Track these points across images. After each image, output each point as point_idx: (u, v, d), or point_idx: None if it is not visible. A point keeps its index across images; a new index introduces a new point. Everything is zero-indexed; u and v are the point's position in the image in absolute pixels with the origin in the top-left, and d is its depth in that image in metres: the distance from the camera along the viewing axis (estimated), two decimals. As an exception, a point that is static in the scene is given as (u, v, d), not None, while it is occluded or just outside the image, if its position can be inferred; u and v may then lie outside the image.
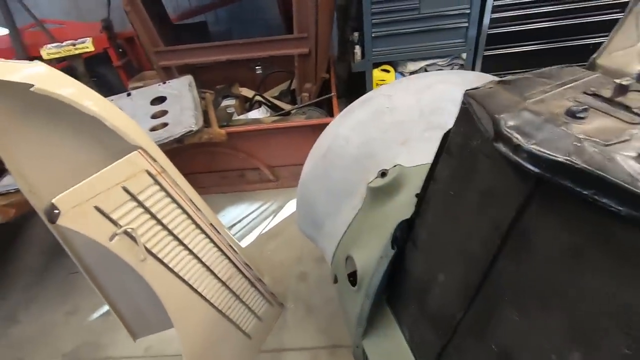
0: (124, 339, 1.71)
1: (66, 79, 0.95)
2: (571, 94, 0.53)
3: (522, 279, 0.58)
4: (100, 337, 1.75)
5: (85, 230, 0.89)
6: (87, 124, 0.96)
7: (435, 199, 0.79)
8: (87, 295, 1.96)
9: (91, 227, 0.90)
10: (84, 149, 1.03)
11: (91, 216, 0.90)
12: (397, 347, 0.94)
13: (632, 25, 1.08)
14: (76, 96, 0.90)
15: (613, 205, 0.41)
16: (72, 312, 1.90)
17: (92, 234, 0.91)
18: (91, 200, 0.89)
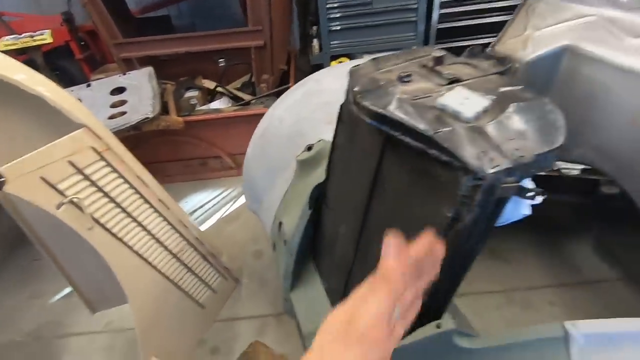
0: (86, 317, 1.80)
1: (13, 62, 1.03)
2: (409, 66, 0.68)
3: (382, 217, 0.73)
4: (62, 316, 1.83)
5: (31, 198, 0.99)
6: (34, 105, 1.06)
7: (337, 163, 0.93)
8: (50, 280, 2.02)
9: (37, 195, 1.00)
10: (33, 130, 1.13)
11: (37, 186, 1.00)
12: (317, 296, 1.08)
13: (523, 18, 1.26)
14: (23, 78, 0.99)
15: (418, 145, 0.56)
16: (35, 295, 1.96)
17: (38, 202, 1.00)
18: (37, 171, 0.99)
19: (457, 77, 0.62)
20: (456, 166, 0.51)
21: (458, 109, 0.54)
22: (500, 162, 0.49)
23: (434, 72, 0.65)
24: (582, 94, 1.10)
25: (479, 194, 0.50)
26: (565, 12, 1.17)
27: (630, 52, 0.99)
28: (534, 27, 1.20)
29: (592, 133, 1.10)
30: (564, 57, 1.12)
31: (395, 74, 0.66)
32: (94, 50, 3.19)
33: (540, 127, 0.53)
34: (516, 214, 0.63)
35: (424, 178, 0.59)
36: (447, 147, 0.51)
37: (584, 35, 1.09)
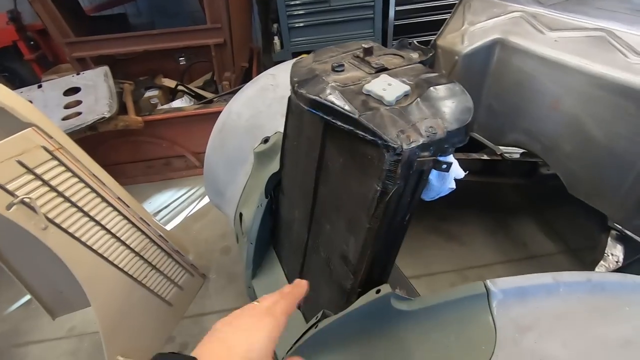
0: (46, 323, 1.75)
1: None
2: (344, 57, 0.74)
3: (328, 197, 0.79)
4: (20, 325, 1.77)
5: (-22, 199, 0.97)
6: (-23, 104, 1.03)
7: (288, 151, 0.98)
8: (4, 289, 1.94)
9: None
10: (-24, 130, 1.09)
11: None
12: (277, 281, 1.13)
13: (460, 14, 1.36)
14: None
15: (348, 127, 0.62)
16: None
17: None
18: (-17, 172, 0.97)
19: (384, 66, 0.69)
20: (380, 144, 0.57)
21: (381, 94, 0.61)
22: (416, 138, 0.56)
23: (364, 62, 0.71)
24: (512, 82, 1.21)
25: (400, 167, 0.57)
26: (496, 8, 1.28)
27: (549, 44, 1.11)
28: (469, 22, 1.30)
29: (521, 118, 1.22)
30: (496, 49, 1.23)
31: (330, 64, 0.71)
32: (45, 50, 3.05)
33: (452, 108, 0.60)
34: (444, 188, 0.70)
35: (357, 158, 0.65)
36: (371, 127, 0.57)
37: (512, 29, 1.20)
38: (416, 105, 0.60)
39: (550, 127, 1.13)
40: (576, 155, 1.10)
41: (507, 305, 0.67)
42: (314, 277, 0.94)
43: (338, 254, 0.77)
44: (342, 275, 0.77)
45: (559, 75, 1.07)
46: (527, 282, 0.69)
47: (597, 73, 0.98)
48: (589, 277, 0.69)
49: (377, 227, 0.66)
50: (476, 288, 0.68)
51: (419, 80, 0.64)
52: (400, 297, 0.69)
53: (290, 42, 2.88)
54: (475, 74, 1.27)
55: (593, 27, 1.04)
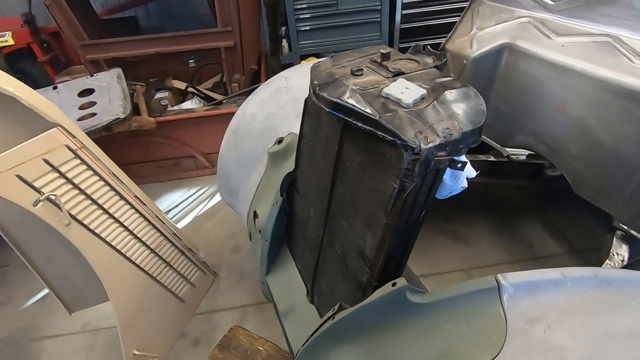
0: (61, 318, 1.80)
1: (-18, 64, 1.05)
2: (362, 62, 0.78)
3: (345, 194, 0.82)
4: (36, 320, 1.81)
5: (8, 195, 1.01)
6: (7, 105, 1.08)
7: (304, 151, 1.02)
8: (21, 285, 1.99)
9: (14, 193, 1.02)
10: (5, 129, 1.14)
11: (13, 183, 1.02)
12: (291, 277, 1.17)
13: (469, 19, 1.40)
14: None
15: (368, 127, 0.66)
16: (5, 302, 1.92)
17: (15, 200, 1.03)
18: (12, 170, 1.01)
19: (400, 71, 0.72)
20: (398, 144, 0.61)
21: (399, 97, 0.64)
22: (433, 139, 0.60)
23: (382, 67, 0.75)
24: (519, 85, 1.24)
25: (418, 166, 0.61)
26: (504, 14, 1.31)
27: (557, 49, 1.14)
28: (478, 27, 1.34)
29: (528, 120, 1.25)
30: (504, 53, 1.26)
31: (349, 68, 0.75)
32: (58, 52, 3.11)
33: (466, 110, 0.64)
34: (456, 186, 0.73)
35: (375, 157, 0.69)
36: (391, 128, 0.61)
37: (520, 34, 1.24)
38: (432, 107, 0.63)
39: (556, 129, 1.17)
40: (582, 157, 1.13)
41: (517, 299, 0.70)
42: (329, 272, 0.97)
43: (355, 249, 0.81)
44: (358, 270, 0.81)
45: (566, 79, 1.10)
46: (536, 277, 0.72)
47: (603, 77, 1.02)
48: (596, 273, 0.72)
49: (394, 223, 0.69)
50: (488, 282, 0.71)
51: (435, 84, 0.68)
52: (415, 290, 0.73)
53: (298, 45, 2.93)
54: (483, 77, 1.31)
55: (599, 32, 1.07)
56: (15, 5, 3.16)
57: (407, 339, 0.74)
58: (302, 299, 1.11)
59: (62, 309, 1.57)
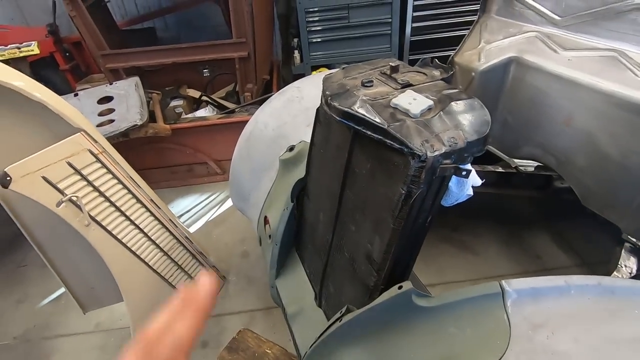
0: (75, 318, 1.85)
1: (15, 72, 1.12)
2: (372, 74, 0.82)
3: (354, 200, 0.86)
4: (50, 319, 1.86)
5: (34, 195, 1.07)
6: (34, 110, 1.14)
7: (315, 158, 1.05)
8: (37, 284, 2.05)
9: (39, 193, 1.08)
10: (32, 133, 1.20)
11: (39, 184, 1.08)
12: (300, 281, 1.19)
13: (477, 33, 1.43)
14: (25, 86, 1.08)
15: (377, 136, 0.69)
16: (22, 300, 1.98)
17: (40, 200, 1.08)
18: (39, 171, 1.07)
19: (409, 82, 0.76)
20: (406, 152, 0.64)
21: (407, 107, 0.68)
22: (439, 147, 0.63)
23: (391, 79, 0.78)
24: (527, 98, 1.27)
25: (424, 173, 0.64)
26: (511, 28, 1.35)
27: (563, 63, 1.17)
28: (486, 41, 1.37)
29: (536, 132, 1.27)
30: (511, 66, 1.29)
31: (359, 80, 0.79)
32: (79, 61, 3.24)
33: (471, 121, 0.67)
34: (462, 194, 0.76)
35: (383, 164, 0.72)
36: (399, 137, 0.64)
37: (527, 48, 1.27)
38: (439, 118, 0.67)
39: (563, 142, 1.18)
40: (590, 170, 1.15)
41: (520, 304, 0.72)
42: (337, 276, 1.00)
43: (362, 254, 0.84)
44: (365, 274, 0.84)
45: (572, 92, 1.12)
46: (540, 284, 0.74)
47: (610, 91, 1.04)
48: (600, 281, 0.74)
49: (401, 228, 0.72)
50: (492, 287, 0.73)
51: (441, 95, 0.71)
52: (421, 294, 0.75)
53: (309, 56, 3.00)
54: (491, 89, 1.34)
55: (605, 47, 1.10)
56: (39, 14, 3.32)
57: (413, 342, 0.76)
58: (310, 302, 1.13)
59: (76, 308, 1.62)
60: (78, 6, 2.30)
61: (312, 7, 2.77)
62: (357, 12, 2.83)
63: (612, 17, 1.09)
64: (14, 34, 2.93)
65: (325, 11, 2.81)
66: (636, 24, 1.03)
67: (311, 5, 2.76)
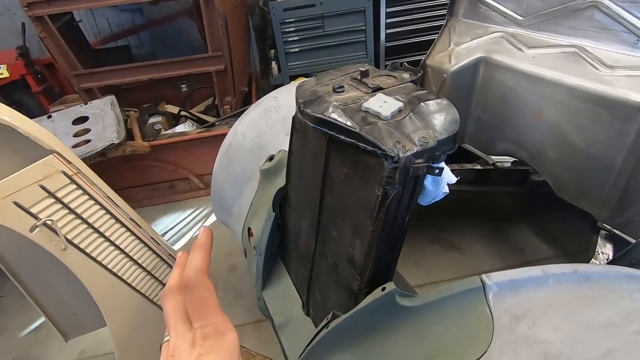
0: (57, 347, 1.78)
1: (-20, 96, 1.09)
2: (343, 79, 0.83)
3: (333, 206, 0.86)
4: (32, 350, 1.79)
5: (6, 222, 1.03)
6: (3, 135, 1.11)
7: (294, 166, 1.06)
8: (15, 316, 1.97)
9: (11, 220, 1.05)
10: (1, 157, 1.17)
11: (11, 210, 1.04)
12: (286, 291, 1.18)
13: (446, 36, 1.48)
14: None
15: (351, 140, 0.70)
16: (0, 332, 1.90)
17: (12, 226, 1.05)
18: (10, 197, 1.04)
19: (379, 86, 0.77)
20: (379, 154, 0.65)
21: (378, 110, 0.69)
22: (411, 147, 0.64)
23: (361, 83, 0.80)
24: (497, 96, 1.31)
25: (398, 173, 0.65)
26: (478, 30, 1.39)
27: (528, 60, 1.21)
28: (455, 43, 1.41)
29: (508, 128, 1.31)
30: (480, 66, 1.34)
31: (331, 86, 0.80)
32: (52, 82, 3.17)
33: (441, 120, 0.68)
34: (438, 192, 0.77)
35: (359, 167, 0.73)
36: (371, 139, 0.65)
37: (494, 48, 1.31)
38: (409, 119, 0.68)
39: (534, 135, 1.22)
40: (560, 161, 1.19)
41: (501, 297, 0.73)
42: (322, 283, 1.00)
43: (345, 258, 0.84)
44: (349, 278, 0.84)
45: (539, 88, 1.16)
46: (519, 275, 0.75)
47: (573, 85, 1.08)
48: (576, 269, 0.76)
49: (380, 229, 0.73)
50: (473, 282, 0.74)
51: (411, 97, 0.73)
52: (404, 294, 0.76)
53: (287, 66, 3.02)
54: (463, 89, 1.38)
55: (566, 44, 1.15)
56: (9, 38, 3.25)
57: (399, 342, 0.76)
58: (298, 311, 1.12)
59: (57, 337, 1.55)
60: (48, 27, 2.26)
61: (287, 18, 2.81)
62: (331, 20, 2.87)
63: (570, 15, 1.14)
64: (-19, 58, 2.86)
65: (300, 21, 2.84)
66: (592, 20, 1.08)
67: (285, 16, 2.79)
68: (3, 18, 3.18)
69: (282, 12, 2.78)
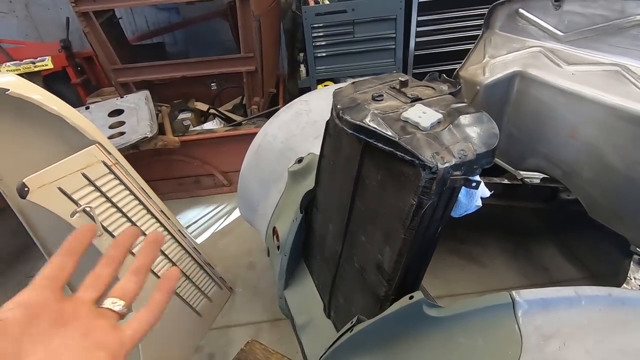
0: (82, 329, 1.84)
1: (34, 86, 1.16)
2: (381, 88, 0.85)
3: (364, 211, 0.87)
4: (58, 330, 1.86)
5: (50, 206, 1.09)
6: (51, 123, 1.18)
7: (324, 170, 1.07)
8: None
9: (55, 204, 1.11)
10: (48, 145, 1.24)
11: (55, 195, 1.10)
12: (308, 292, 1.20)
13: (481, 48, 1.47)
14: (44, 99, 1.12)
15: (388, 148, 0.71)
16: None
17: (55, 210, 1.11)
18: (55, 182, 1.10)
19: (418, 97, 0.78)
20: (417, 164, 0.66)
21: (417, 120, 0.70)
22: (449, 159, 0.65)
23: (400, 93, 0.81)
24: (531, 111, 1.29)
25: (435, 184, 0.65)
26: (515, 43, 1.38)
27: (567, 77, 1.19)
28: (490, 55, 1.41)
29: (541, 144, 1.29)
30: (515, 80, 1.32)
31: (370, 94, 0.82)
32: (90, 75, 3.32)
33: (480, 133, 0.69)
34: (471, 205, 0.78)
35: (394, 175, 0.74)
36: (410, 149, 0.66)
37: (531, 62, 1.30)
38: (448, 131, 0.69)
39: (569, 154, 1.20)
40: (595, 181, 1.16)
41: (531, 315, 0.72)
42: (347, 287, 1.01)
43: (373, 264, 0.85)
44: (376, 284, 0.85)
45: (577, 105, 1.14)
46: (550, 295, 0.74)
47: (613, 104, 1.06)
48: (610, 292, 0.74)
49: (411, 238, 0.73)
50: (502, 298, 0.74)
51: (450, 109, 0.73)
52: (432, 304, 0.76)
53: (315, 70, 3.05)
54: (495, 103, 1.36)
55: (608, 62, 1.12)
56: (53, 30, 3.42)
57: (424, 352, 0.76)
58: (319, 313, 1.14)
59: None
60: (92, 23, 2.37)
61: (318, 23, 2.84)
62: (362, 27, 2.89)
63: (614, 33, 1.12)
64: (28, 49, 3.02)
65: (330, 26, 2.87)
66: (638, 39, 1.05)
67: (317, 21, 2.83)
68: (50, 12, 3.35)
69: (314, 17, 2.82)
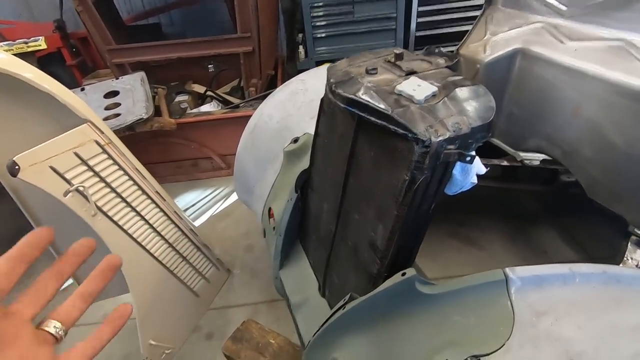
0: (82, 309, 1.86)
1: (23, 63, 1.13)
2: (376, 61, 0.82)
3: (358, 189, 0.86)
4: (59, 310, 1.89)
5: (42, 184, 1.08)
6: (42, 102, 1.16)
7: (319, 149, 1.06)
8: (45, 277, 2.08)
9: (47, 183, 1.10)
10: (39, 123, 1.22)
11: (47, 174, 1.09)
12: (303, 272, 1.20)
13: (482, 25, 1.42)
14: (34, 77, 1.09)
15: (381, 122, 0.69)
16: (30, 291, 2.01)
17: (48, 189, 1.10)
18: (47, 161, 1.09)
19: (413, 70, 0.76)
20: (410, 137, 0.64)
21: (411, 93, 0.68)
22: (443, 132, 0.63)
23: (395, 66, 0.78)
24: (533, 89, 1.26)
25: (428, 158, 0.64)
26: (517, 19, 1.33)
27: (570, 53, 1.15)
28: (492, 32, 1.36)
29: (542, 124, 1.26)
30: (517, 58, 1.28)
31: (364, 68, 0.79)
32: (85, 56, 3.27)
33: (475, 107, 0.67)
34: (466, 182, 0.76)
35: (387, 151, 0.72)
36: (402, 122, 0.64)
37: (533, 39, 1.26)
38: (443, 104, 0.67)
39: (570, 132, 1.17)
40: (596, 160, 1.14)
41: (524, 292, 0.72)
42: (340, 265, 1.00)
43: (366, 241, 0.84)
44: (369, 261, 0.84)
45: (580, 82, 1.11)
46: (544, 271, 0.73)
47: (617, 81, 1.02)
48: (605, 270, 0.73)
49: (404, 215, 0.72)
50: (496, 275, 0.73)
51: (446, 82, 0.71)
52: (424, 281, 0.75)
53: (314, 51, 3.00)
54: (496, 81, 1.33)
55: (612, 37, 1.09)
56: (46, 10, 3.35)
57: (416, 328, 0.76)
58: (314, 292, 1.14)
59: (83, 299, 1.63)
60: (85, 2, 2.31)
61: (317, 3, 2.77)
62: (362, 7, 2.82)
63: (620, 7, 1.08)
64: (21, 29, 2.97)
65: (330, 6, 2.81)
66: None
67: (316, 0, 2.76)
68: (42, -9, 3.28)
69: (313, -4, 2.75)
